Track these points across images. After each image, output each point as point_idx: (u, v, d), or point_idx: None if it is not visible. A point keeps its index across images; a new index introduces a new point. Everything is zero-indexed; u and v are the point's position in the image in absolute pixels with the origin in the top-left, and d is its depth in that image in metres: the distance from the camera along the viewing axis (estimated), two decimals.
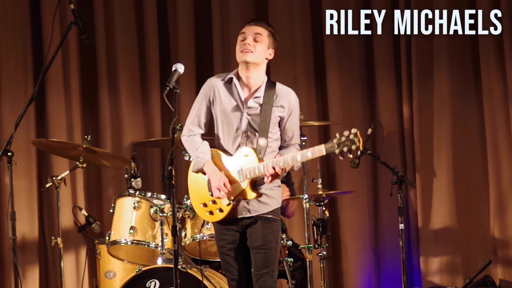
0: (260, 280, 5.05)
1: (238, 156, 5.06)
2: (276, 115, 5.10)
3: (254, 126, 5.08)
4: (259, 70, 5.12)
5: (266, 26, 5.13)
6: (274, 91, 5.12)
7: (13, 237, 5.51)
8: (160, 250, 6.27)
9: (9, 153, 5.51)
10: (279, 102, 5.11)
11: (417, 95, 7.57)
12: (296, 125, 5.18)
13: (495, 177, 7.40)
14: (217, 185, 5.03)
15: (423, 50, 7.57)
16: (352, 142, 4.77)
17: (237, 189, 5.04)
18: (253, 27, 5.11)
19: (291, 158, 4.94)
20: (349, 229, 7.59)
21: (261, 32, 5.09)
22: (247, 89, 5.13)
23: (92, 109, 7.75)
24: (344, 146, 4.78)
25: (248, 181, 5.02)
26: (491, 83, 7.44)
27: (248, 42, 5.06)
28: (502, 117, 7.43)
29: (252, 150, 5.03)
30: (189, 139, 5.17)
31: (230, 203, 5.05)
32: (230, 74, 5.17)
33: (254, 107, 5.10)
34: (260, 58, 5.10)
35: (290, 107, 5.13)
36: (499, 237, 7.37)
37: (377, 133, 7.40)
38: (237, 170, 5.04)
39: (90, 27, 7.61)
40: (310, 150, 4.90)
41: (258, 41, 5.08)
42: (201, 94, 5.20)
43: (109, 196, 7.43)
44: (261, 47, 5.08)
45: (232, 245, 5.13)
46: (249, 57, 5.07)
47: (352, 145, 4.76)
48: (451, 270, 7.47)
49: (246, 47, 5.06)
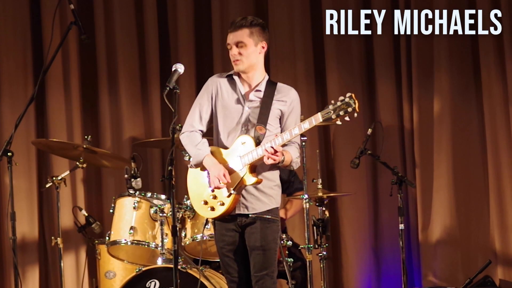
0: (259, 282, 5.05)
1: (236, 146, 5.09)
2: (277, 108, 5.12)
3: (253, 120, 5.10)
4: (257, 69, 5.16)
5: (246, 26, 5.10)
6: (275, 87, 5.17)
7: (13, 237, 5.51)
8: (160, 250, 6.28)
9: (9, 153, 5.51)
10: (280, 97, 5.14)
11: (417, 95, 7.56)
12: (297, 122, 5.18)
13: (495, 177, 7.39)
14: (216, 174, 5.03)
15: (423, 50, 7.57)
16: (348, 105, 4.81)
17: (236, 178, 5.05)
18: (232, 35, 5.11)
19: (289, 133, 4.96)
20: (349, 229, 7.59)
21: (241, 38, 5.08)
22: (248, 84, 5.18)
23: (92, 109, 7.75)
24: (340, 110, 4.82)
25: (247, 167, 5.03)
26: (491, 83, 7.44)
27: (233, 53, 5.10)
28: (502, 117, 7.42)
29: (249, 137, 5.06)
30: (189, 135, 5.18)
31: (231, 193, 5.05)
32: (231, 71, 5.21)
33: (255, 101, 5.13)
34: (252, 60, 5.12)
35: (291, 102, 5.15)
36: (499, 237, 7.36)
37: (377, 133, 7.41)
38: (235, 158, 5.06)
39: (90, 27, 7.62)
40: (307, 120, 4.94)
41: (242, 47, 5.08)
42: (203, 90, 5.24)
43: (109, 196, 7.43)
44: (247, 51, 5.08)
45: (231, 246, 5.13)
46: (240, 67, 5.12)
47: (348, 107, 4.81)
48: (451, 270, 7.47)
49: (234, 58, 5.10)
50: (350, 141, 7.49)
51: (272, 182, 5.15)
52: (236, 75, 5.19)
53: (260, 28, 5.12)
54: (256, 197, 5.09)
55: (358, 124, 7.55)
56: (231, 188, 5.04)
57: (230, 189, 5.04)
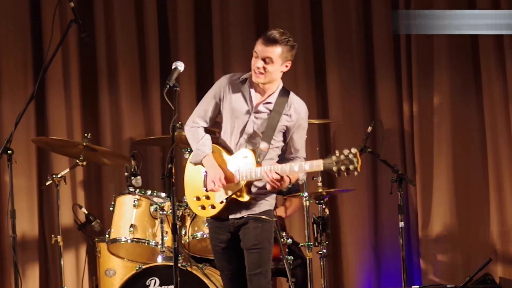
0: (254, 281, 5.02)
1: (237, 157, 5.04)
2: (283, 124, 5.07)
3: (257, 131, 5.04)
4: (274, 82, 5.07)
5: (280, 44, 4.96)
6: (287, 100, 5.07)
7: (13, 235, 5.51)
8: (160, 248, 6.27)
9: (9, 151, 5.51)
10: (289, 112, 5.06)
11: (417, 95, 7.57)
12: (303, 139, 5.15)
13: (495, 176, 7.41)
14: (213, 177, 5.01)
15: (423, 50, 7.57)
16: (351, 162, 4.76)
17: (232, 188, 5.03)
18: (264, 48, 4.96)
19: (289, 167, 4.92)
20: (349, 227, 7.60)
21: (271, 55, 4.94)
22: (260, 93, 5.09)
23: (92, 107, 7.75)
24: (342, 165, 4.76)
25: (244, 183, 5.01)
26: (491, 83, 7.45)
27: (258, 66, 4.97)
28: (502, 117, 7.43)
29: (251, 152, 5.01)
30: (192, 130, 5.16)
31: (223, 201, 5.03)
32: (246, 75, 5.12)
33: (263, 112, 5.07)
34: (274, 77, 5.03)
35: (298, 119, 5.08)
36: (499, 235, 7.37)
37: (377, 131, 7.40)
38: (235, 170, 5.03)
39: (90, 26, 7.62)
40: (309, 163, 4.88)
41: (269, 63, 4.97)
42: (213, 89, 5.16)
43: (109, 194, 7.42)
44: (272, 68, 4.98)
45: (225, 244, 5.11)
46: (260, 80, 5.01)
47: (350, 164, 4.75)
48: (451, 268, 7.48)
49: (257, 70, 4.99)
50: (350, 139, 7.49)
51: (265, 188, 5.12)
52: (250, 81, 5.09)
53: (291, 49, 5.00)
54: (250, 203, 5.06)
55: (358, 122, 7.57)
56: (225, 195, 5.03)
57: (224, 196, 5.03)
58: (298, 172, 4.92)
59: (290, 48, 4.98)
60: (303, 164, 4.90)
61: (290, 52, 5.00)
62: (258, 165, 4.97)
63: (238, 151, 5.05)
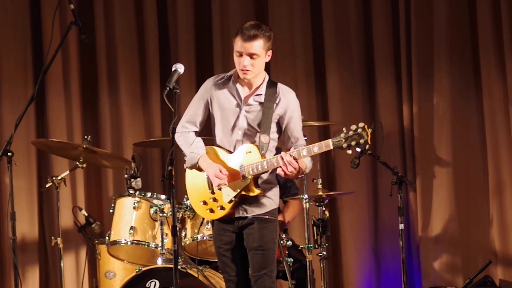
0: (258, 281, 5.04)
1: (240, 153, 5.05)
2: (276, 114, 5.09)
3: (252, 124, 5.06)
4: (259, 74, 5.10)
5: (260, 36, 4.99)
6: (276, 89, 5.10)
7: (13, 237, 5.51)
8: (160, 250, 6.27)
9: (9, 153, 5.51)
10: (279, 101, 5.09)
11: (417, 95, 7.57)
12: (300, 127, 5.16)
13: (495, 177, 7.40)
14: (213, 174, 5.01)
15: (423, 51, 7.57)
16: (360, 136, 4.76)
17: (239, 185, 5.03)
18: (248, 45, 4.97)
19: (297, 152, 4.92)
20: (349, 229, 7.60)
21: (255, 51, 4.98)
22: (247, 87, 5.12)
23: (92, 109, 7.76)
24: (352, 140, 4.76)
25: (251, 178, 5.01)
26: (491, 83, 7.44)
27: (245, 64, 4.99)
28: (502, 117, 7.43)
29: (254, 146, 5.02)
30: (183, 135, 5.17)
31: (232, 200, 5.03)
32: (230, 72, 5.15)
33: (254, 105, 5.09)
34: (260, 70, 5.07)
35: (289, 107, 5.10)
36: (499, 237, 7.37)
37: (377, 133, 7.40)
38: (237, 166, 5.03)
39: (90, 27, 7.62)
40: (317, 145, 4.87)
41: (255, 58, 5.00)
42: (199, 93, 5.20)
43: (109, 196, 7.43)
44: (259, 61, 5.02)
45: (229, 245, 5.12)
46: (249, 76, 5.04)
47: (361, 139, 4.76)
48: (451, 270, 7.47)
49: (244, 68, 5.00)
50: None
51: (271, 184, 5.12)
52: (235, 77, 5.12)
53: (269, 37, 5.04)
54: (257, 201, 5.08)
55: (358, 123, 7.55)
56: (232, 195, 5.03)
57: (232, 197, 5.03)
58: (307, 155, 4.91)
59: (268, 38, 5.03)
60: (311, 147, 4.89)
61: (269, 41, 5.05)
62: (263, 158, 4.98)
63: (239, 148, 5.06)
